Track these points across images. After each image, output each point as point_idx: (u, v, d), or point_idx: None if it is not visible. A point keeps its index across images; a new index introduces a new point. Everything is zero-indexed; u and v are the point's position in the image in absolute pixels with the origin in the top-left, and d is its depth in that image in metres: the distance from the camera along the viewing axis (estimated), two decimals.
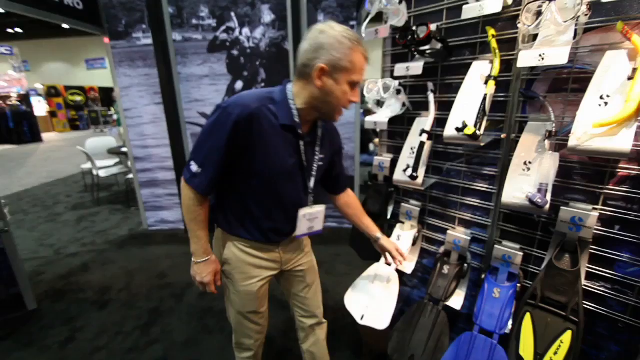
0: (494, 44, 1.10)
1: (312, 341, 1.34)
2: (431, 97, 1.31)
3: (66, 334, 1.94)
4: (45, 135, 11.82)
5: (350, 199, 1.28)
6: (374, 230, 1.29)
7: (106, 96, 14.16)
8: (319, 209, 1.14)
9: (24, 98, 10.78)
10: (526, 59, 0.95)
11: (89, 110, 14.00)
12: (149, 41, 2.73)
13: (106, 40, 2.85)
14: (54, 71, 15.09)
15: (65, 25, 2.81)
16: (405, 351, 1.22)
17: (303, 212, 1.10)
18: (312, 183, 1.09)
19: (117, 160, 4.60)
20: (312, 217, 1.13)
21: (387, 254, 1.32)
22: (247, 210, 1.04)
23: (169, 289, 2.37)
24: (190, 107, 2.93)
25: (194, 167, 0.95)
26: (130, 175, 3.56)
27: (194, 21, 2.71)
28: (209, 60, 2.80)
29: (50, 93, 13.46)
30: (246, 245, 1.10)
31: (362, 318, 1.41)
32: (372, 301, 1.45)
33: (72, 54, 14.86)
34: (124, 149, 3.90)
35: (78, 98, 14.20)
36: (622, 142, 0.86)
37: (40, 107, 12.72)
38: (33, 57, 14.70)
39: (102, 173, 4.18)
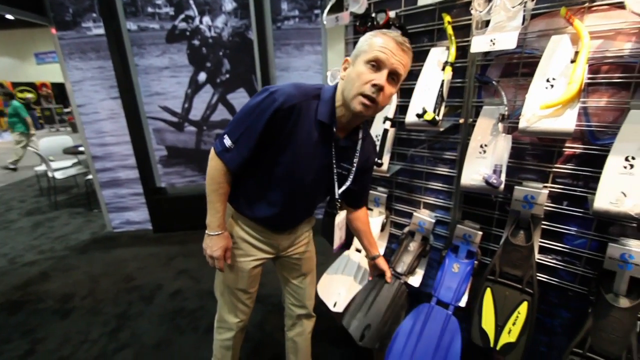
0: (449, 30, 1.13)
1: (298, 331, 1.35)
2: None
3: (25, 347, 1.82)
4: None
5: (362, 215, 1.27)
6: (375, 249, 1.32)
7: (60, 92, 13.17)
8: (343, 215, 1.16)
9: None
10: (479, 44, 0.98)
11: (42, 108, 12.98)
12: (101, 31, 2.55)
13: (53, 31, 2.63)
14: None
15: (9, 16, 2.56)
16: (361, 321, 1.25)
17: (337, 219, 1.11)
18: (340, 189, 1.06)
19: (75, 161, 4.31)
20: (341, 225, 1.15)
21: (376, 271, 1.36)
22: (261, 196, 1.04)
23: (137, 292, 2.28)
24: (151, 101, 2.79)
25: (227, 142, 0.94)
26: (90, 176, 3.35)
27: (150, 9, 2.56)
28: (168, 50, 2.66)
29: None
30: (249, 226, 1.10)
31: (335, 305, 1.43)
32: (344, 288, 1.47)
33: (20, 47, 13.59)
34: (81, 148, 3.65)
35: (28, 95, 13.10)
36: (567, 122, 0.91)
37: None
38: None
39: (59, 175, 3.90)
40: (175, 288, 2.31)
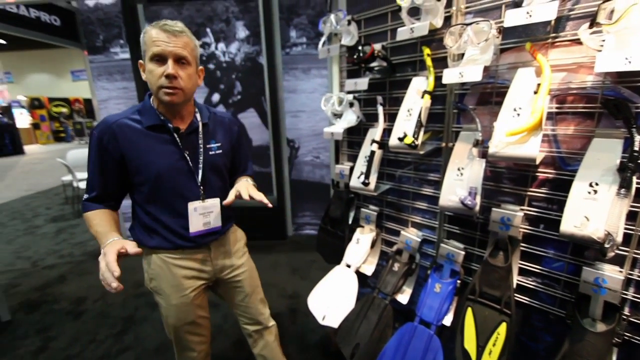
0: (428, 61, 1.22)
1: (262, 345, 1.35)
2: (380, 109, 1.41)
3: (39, 343, 1.95)
4: (27, 148, 11.64)
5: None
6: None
7: (92, 107, 14.06)
8: (213, 202, 1.11)
9: (6, 110, 10.65)
10: (449, 76, 1.07)
11: (74, 122, 13.88)
12: (127, 55, 2.81)
13: (85, 53, 2.92)
14: (38, 82, 14.92)
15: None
16: (351, 340, 1.30)
17: (193, 205, 1.07)
18: (199, 176, 1.08)
19: None
20: (205, 212, 1.10)
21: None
22: (154, 218, 1.06)
23: (144, 298, 2.40)
24: None
25: (84, 197, 1.03)
26: None
27: None
28: None
29: (34, 105, 13.32)
30: (169, 256, 1.09)
31: (323, 318, 1.48)
32: (333, 302, 1.52)
33: (57, 65, 14.73)
34: None
35: (63, 109, 14.08)
36: (530, 148, 0.97)
37: (22, 119, 12.56)
38: (17, 68, 14.53)
39: (83, 185, 4.18)
40: None
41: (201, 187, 1.09)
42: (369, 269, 1.62)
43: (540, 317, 1.23)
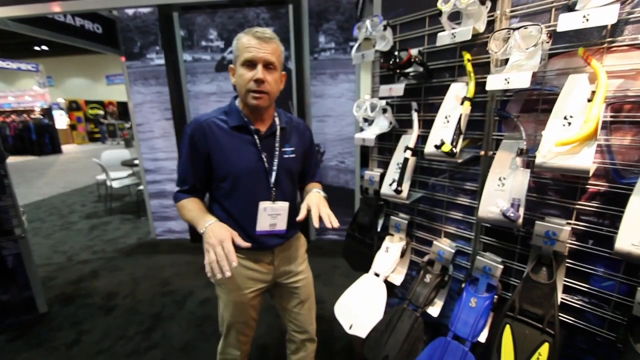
0: (469, 67, 1.18)
1: (302, 355, 1.36)
2: (415, 115, 1.38)
3: (73, 336, 2.04)
4: (65, 147, 12.34)
5: (311, 183, 1.30)
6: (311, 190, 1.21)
7: (124, 110, 14.75)
8: (282, 205, 1.15)
9: (47, 112, 11.35)
10: (494, 82, 1.03)
11: (107, 123, 14.60)
12: (162, 61, 2.93)
13: (123, 59, 3.06)
14: (76, 86, 15.85)
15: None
16: (380, 351, 1.27)
17: (263, 205, 1.12)
18: (273, 177, 1.12)
19: (130, 172, 4.79)
20: (274, 213, 1.13)
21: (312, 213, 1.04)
22: (229, 215, 1.12)
23: (171, 296, 2.46)
24: None
25: (176, 189, 1.14)
26: (141, 187, 3.71)
27: (203, 43, 2.90)
28: (216, 78, 2.97)
29: (72, 107, 14.13)
30: (237, 255, 1.11)
31: (350, 327, 1.45)
32: (360, 311, 1.49)
33: (94, 70, 15.60)
34: (137, 162, 4.07)
35: (98, 112, 14.85)
36: (583, 160, 0.91)
37: (61, 120, 13.34)
38: (57, 73, 15.50)
39: (115, 184, 4.36)
40: (205, 296, 2.46)
41: (273, 189, 1.13)
42: (397, 279, 1.58)
43: (586, 338, 1.15)
